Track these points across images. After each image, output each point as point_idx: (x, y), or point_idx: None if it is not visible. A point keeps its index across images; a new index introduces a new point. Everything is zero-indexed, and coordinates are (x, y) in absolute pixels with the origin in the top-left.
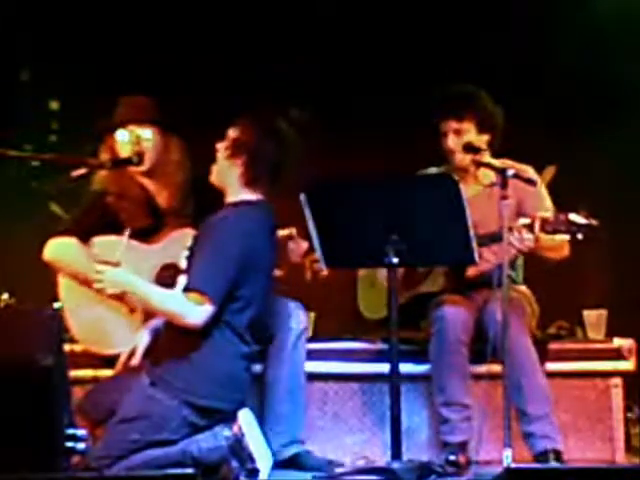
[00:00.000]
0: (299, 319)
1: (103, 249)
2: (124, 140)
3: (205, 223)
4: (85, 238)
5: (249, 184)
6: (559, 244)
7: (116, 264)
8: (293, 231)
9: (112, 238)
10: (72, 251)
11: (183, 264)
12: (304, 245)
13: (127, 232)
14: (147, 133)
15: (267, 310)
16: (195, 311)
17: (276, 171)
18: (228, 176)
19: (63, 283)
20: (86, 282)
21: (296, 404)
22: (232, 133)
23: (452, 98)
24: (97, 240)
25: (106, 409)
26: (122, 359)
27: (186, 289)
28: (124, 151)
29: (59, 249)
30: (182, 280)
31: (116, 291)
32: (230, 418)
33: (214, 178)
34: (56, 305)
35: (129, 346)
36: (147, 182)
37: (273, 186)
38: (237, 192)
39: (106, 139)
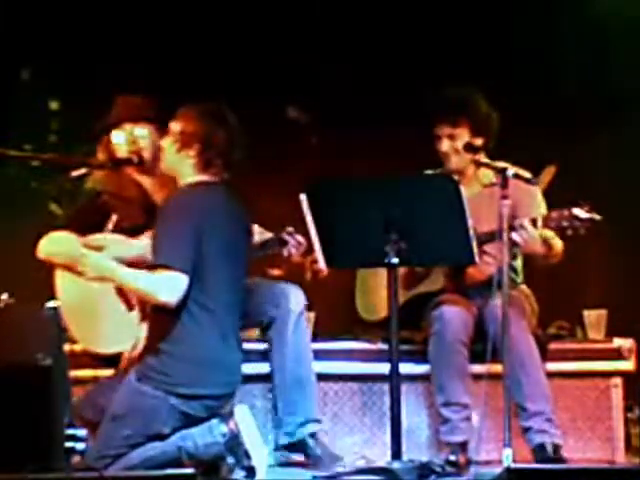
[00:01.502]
0: (297, 299)
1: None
2: (120, 139)
3: (161, 206)
4: (80, 236)
5: (204, 170)
6: (561, 249)
7: (99, 248)
8: (289, 229)
9: (108, 236)
10: (66, 243)
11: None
12: (301, 239)
13: (113, 218)
14: (142, 131)
15: (261, 294)
16: (166, 286)
17: (227, 154)
18: (181, 167)
19: (60, 281)
20: (82, 274)
21: (306, 383)
22: (176, 126)
23: (445, 103)
24: (92, 238)
25: (103, 411)
26: (126, 354)
27: (153, 267)
28: (120, 151)
29: (53, 243)
30: None
31: (97, 275)
32: (223, 407)
33: (164, 169)
34: (52, 304)
35: (126, 345)
36: (144, 181)
37: (227, 170)
38: (192, 177)
39: (102, 139)
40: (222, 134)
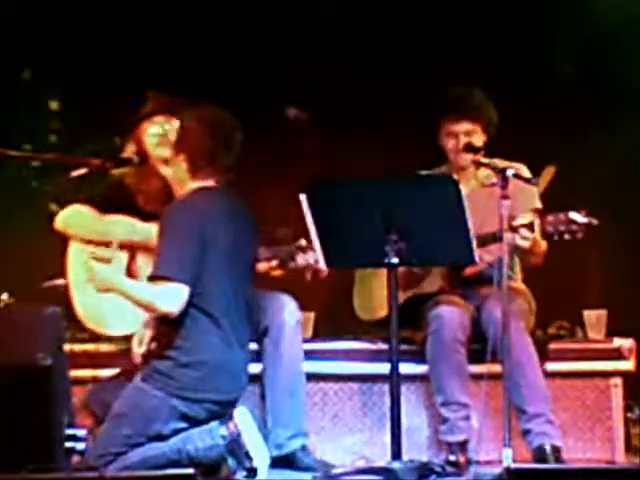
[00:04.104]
0: (292, 311)
1: (112, 227)
2: (152, 132)
3: (161, 214)
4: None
5: (195, 175)
6: (545, 249)
7: (107, 260)
8: (302, 242)
9: (124, 218)
10: (84, 217)
11: None
12: (311, 256)
13: (115, 243)
14: (173, 125)
15: (255, 302)
16: (165, 297)
17: (216, 160)
18: (177, 175)
19: (72, 256)
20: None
21: (297, 397)
22: None
23: (464, 100)
24: (108, 218)
25: (109, 407)
26: (134, 345)
27: (151, 278)
28: (151, 143)
29: (71, 215)
30: None
31: (104, 289)
32: (225, 412)
33: (166, 174)
34: (58, 281)
35: (127, 329)
36: (167, 173)
37: (220, 174)
38: (190, 184)
39: (134, 132)
40: (210, 139)
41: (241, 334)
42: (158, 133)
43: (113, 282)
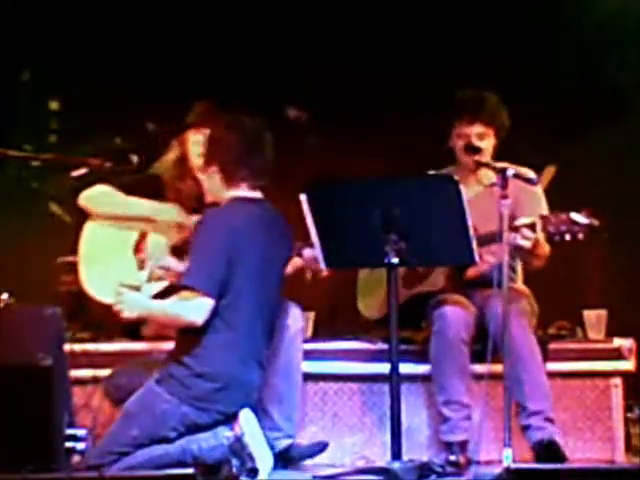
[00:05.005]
0: (296, 318)
1: (137, 204)
2: (197, 141)
3: (198, 222)
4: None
5: (231, 179)
6: (548, 252)
7: (137, 288)
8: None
9: (145, 202)
10: (109, 195)
11: None
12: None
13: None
14: None
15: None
16: (191, 308)
17: (247, 157)
18: (212, 187)
19: (87, 232)
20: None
21: (288, 401)
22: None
23: (480, 103)
24: (131, 198)
25: (128, 392)
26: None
27: (181, 288)
28: (194, 151)
29: (96, 194)
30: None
31: (133, 315)
32: (231, 420)
33: (210, 199)
34: (65, 259)
35: None
36: (203, 178)
37: (255, 173)
38: (226, 193)
39: (180, 136)
40: (238, 143)
41: (259, 349)
42: (202, 143)
43: (141, 306)
